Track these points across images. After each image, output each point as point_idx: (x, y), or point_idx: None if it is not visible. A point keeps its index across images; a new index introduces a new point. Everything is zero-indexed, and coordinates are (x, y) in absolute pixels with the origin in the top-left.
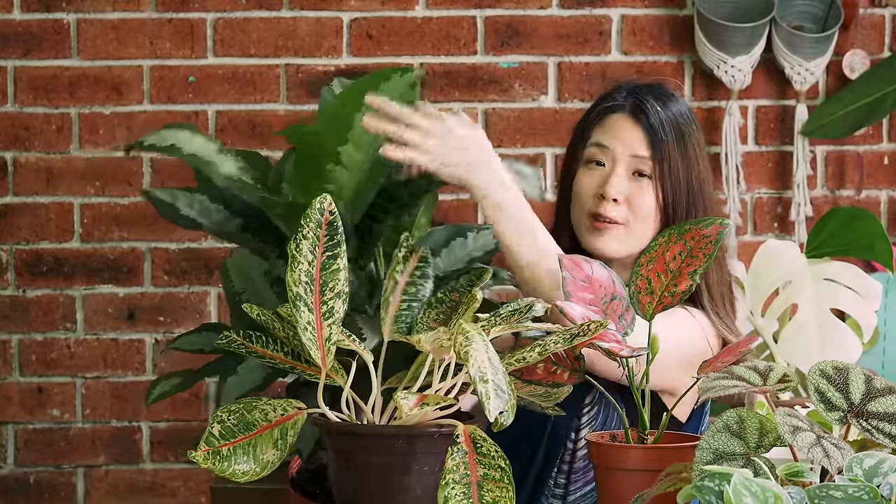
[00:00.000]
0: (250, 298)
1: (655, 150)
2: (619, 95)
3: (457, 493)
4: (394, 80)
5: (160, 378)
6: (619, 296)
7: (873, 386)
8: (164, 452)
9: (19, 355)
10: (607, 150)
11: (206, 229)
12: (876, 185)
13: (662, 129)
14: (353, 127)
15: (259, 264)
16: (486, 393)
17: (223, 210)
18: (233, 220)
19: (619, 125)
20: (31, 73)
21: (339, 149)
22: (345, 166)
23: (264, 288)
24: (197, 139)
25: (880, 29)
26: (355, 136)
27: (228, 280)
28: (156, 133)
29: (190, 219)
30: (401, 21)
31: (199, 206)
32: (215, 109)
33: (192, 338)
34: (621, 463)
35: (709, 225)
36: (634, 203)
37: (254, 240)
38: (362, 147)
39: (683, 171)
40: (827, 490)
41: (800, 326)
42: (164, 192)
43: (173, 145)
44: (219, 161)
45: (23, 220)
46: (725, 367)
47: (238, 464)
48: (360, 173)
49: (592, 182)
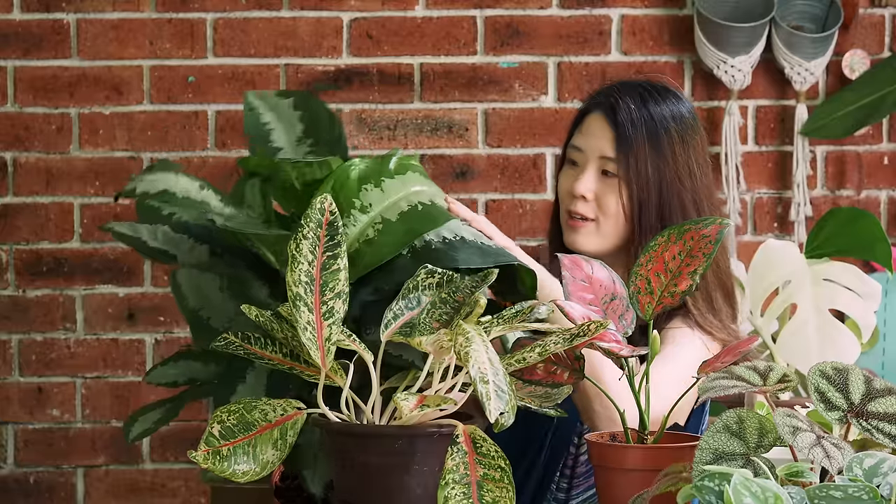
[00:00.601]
0: (210, 314)
1: (621, 149)
2: (601, 95)
3: (457, 494)
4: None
5: (138, 412)
6: (619, 295)
7: (873, 386)
8: (164, 452)
9: (19, 355)
10: (580, 151)
11: (178, 260)
12: (876, 185)
13: (631, 127)
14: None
15: (213, 279)
16: (487, 393)
17: (187, 239)
18: (198, 247)
19: (593, 125)
20: (31, 73)
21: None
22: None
23: (221, 303)
24: (182, 180)
25: (880, 29)
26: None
27: (181, 296)
28: (142, 179)
29: (159, 250)
30: (401, 21)
31: (163, 237)
32: (215, 109)
33: (166, 369)
34: (621, 463)
35: (708, 225)
36: (601, 201)
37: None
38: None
39: (654, 170)
40: (827, 490)
41: (799, 327)
42: (125, 226)
43: (166, 191)
44: (207, 199)
45: (23, 220)
46: (725, 368)
47: (238, 464)
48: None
49: (568, 182)
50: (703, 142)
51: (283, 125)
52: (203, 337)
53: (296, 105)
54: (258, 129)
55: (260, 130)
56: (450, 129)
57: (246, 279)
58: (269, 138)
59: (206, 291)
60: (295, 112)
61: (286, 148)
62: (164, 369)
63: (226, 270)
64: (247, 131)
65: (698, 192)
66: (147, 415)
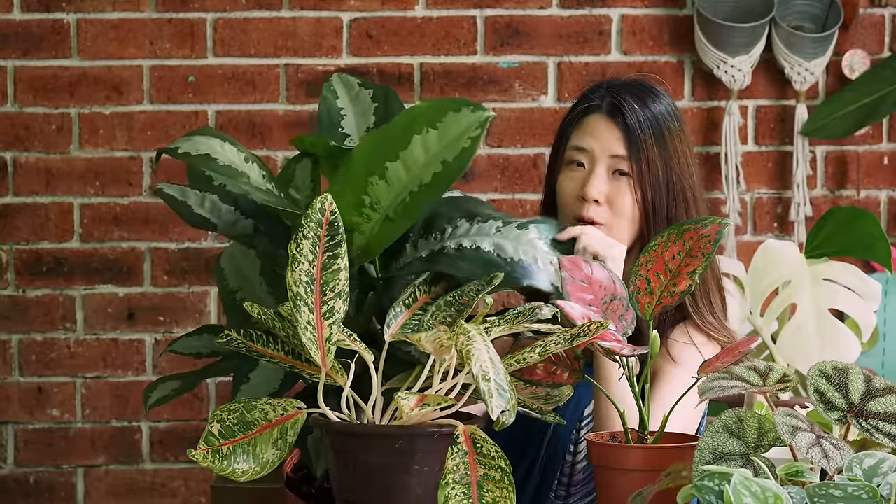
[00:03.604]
0: (246, 297)
1: (633, 149)
2: (597, 95)
3: (457, 493)
4: (464, 113)
5: (157, 381)
6: (619, 296)
7: (873, 386)
8: (164, 452)
9: (19, 355)
10: (586, 152)
11: (219, 230)
12: (876, 185)
13: (639, 127)
14: (408, 147)
15: (253, 262)
16: (489, 391)
17: (234, 211)
18: (243, 221)
19: (596, 125)
20: (31, 73)
21: (388, 164)
22: (388, 181)
23: (259, 286)
24: (228, 148)
25: (880, 29)
26: (407, 157)
27: (223, 277)
28: (187, 140)
29: (202, 217)
30: (401, 21)
31: (209, 205)
32: (215, 109)
33: (190, 340)
34: (621, 463)
35: (708, 224)
36: (614, 202)
37: (266, 242)
38: (412, 169)
39: (663, 169)
40: (826, 489)
41: (799, 327)
42: (175, 188)
43: (208, 155)
44: (248, 171)
45: (23, 220)
46: (725, 368)
47: (238, 463)
48: (403, 193)
49: (574, 184)
50: (688, 132)
51: (358, 114)
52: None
53: (374, 97)
54: (331, 113)
55: (333, 115)
56: None
57: (283, 260)
58: (339, 124)
59: (246, 273)
60: (372, 104)
61: (354, 136)
62: (188, 340)
63: (266, 248)
64: (319, 113)
65: (695, 187)
66: (166, 383)
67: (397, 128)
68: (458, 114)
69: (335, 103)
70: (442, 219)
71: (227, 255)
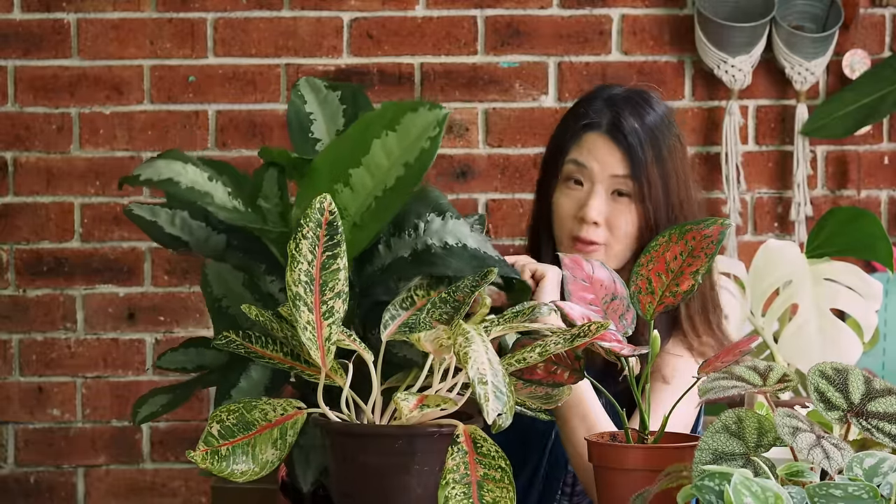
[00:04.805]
0: (231, 303)
1: (634, 170)
2: (595, 111)
3: (457, 493)
4: (421, 112)
5: (147, 395)
6: (619, 295)
7: (873, 387)
8: (164, 452)
9: (19, 355)
10: (585, 170)
11: (191, 247)
12: (876, 185)
13: (640, 148)
14: (369, 152)
15: (234, 273)
16: (485, 395)
17: (205, 227)
18: (215, 237)
19: (596, 144)
20: (31, 73)
21: (351, 171)
22: (353, 188)
23: (244, 294)
24: (190, 170)
25: (880, 29)
26: (370, 162)
27: (207, 284)
28: (149, 165)
29: (173, 237)
30: (401, 21)
31: (180, 222)
32: (215, 109)
33: (176, 355)
34: (621, 463)
35: (710, 225)
36: (613, 224)
37: (240, 256)
38: (375, 174)
39: (662, 188)
40: (827, 489)
41: (800, 326)
42: (145, 208)
43: (170, 179)
44: (212, 191)
45: (23, 220)
46: (725, 368)
47: (237, 463)
48: (369, 199)
49: (572, 204)
50: (683, 139)
51: (326, 117)
52: (223, 325)
53: (342, 98)
54: (300, 118)
55: (302, 120)
56: (450, 129)
57: (258, 272)
58: (309, 129)
59: (230, 283)
60: (341, 105)
61: (325, 140)
62: (174, 355)
63: (240, 262)
64: (289, 118)
65: (691, 197)
66: (155, 398)
67: (355, 133)
68: (415, 114)
69: (303, 108)
70: (411, 214)
71: (210, 264)
